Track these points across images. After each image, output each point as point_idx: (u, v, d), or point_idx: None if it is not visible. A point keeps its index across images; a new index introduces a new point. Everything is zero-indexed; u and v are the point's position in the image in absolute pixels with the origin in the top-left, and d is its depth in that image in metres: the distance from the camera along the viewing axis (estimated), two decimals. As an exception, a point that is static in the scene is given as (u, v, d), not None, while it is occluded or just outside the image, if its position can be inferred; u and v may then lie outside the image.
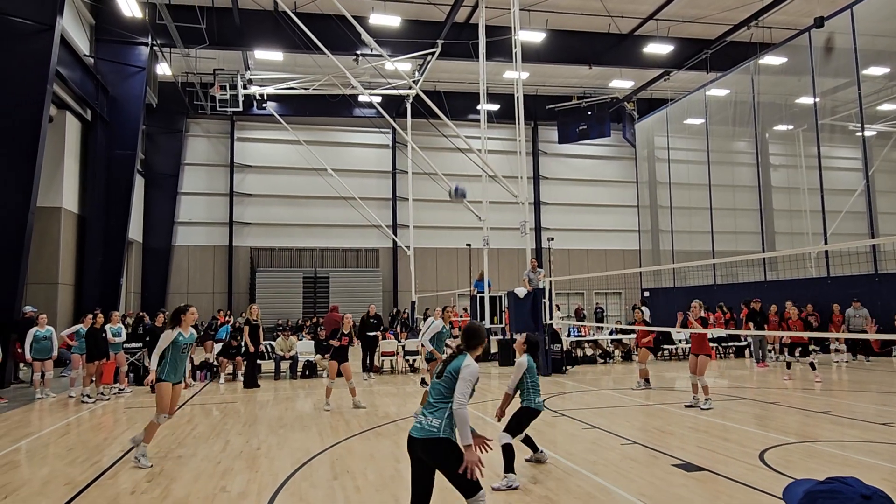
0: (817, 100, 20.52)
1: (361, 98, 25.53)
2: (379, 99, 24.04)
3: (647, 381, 11.68)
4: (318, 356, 14.32)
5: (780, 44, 21.84)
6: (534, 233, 30.22)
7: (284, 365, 14.14)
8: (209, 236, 28.22)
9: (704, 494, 5.17)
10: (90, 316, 11.36)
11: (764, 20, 21.23)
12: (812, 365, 12.84)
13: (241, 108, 23.40)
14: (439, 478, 3.67)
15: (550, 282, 14.65)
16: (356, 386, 10.51)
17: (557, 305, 16.95)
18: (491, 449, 3.90)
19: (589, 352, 17.10)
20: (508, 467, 5.48)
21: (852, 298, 15.94)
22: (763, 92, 23.33)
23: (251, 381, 12.66)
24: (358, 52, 21.24)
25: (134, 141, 20.81)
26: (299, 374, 14.13)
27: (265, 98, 25.28)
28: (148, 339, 12.79)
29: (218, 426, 8.61)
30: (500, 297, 17.87)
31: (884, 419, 8.23)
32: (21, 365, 13.82)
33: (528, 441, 6.05)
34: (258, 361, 13.30)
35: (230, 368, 13.78)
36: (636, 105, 29.91)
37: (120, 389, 11.98)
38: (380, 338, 14.65)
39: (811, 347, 13.30)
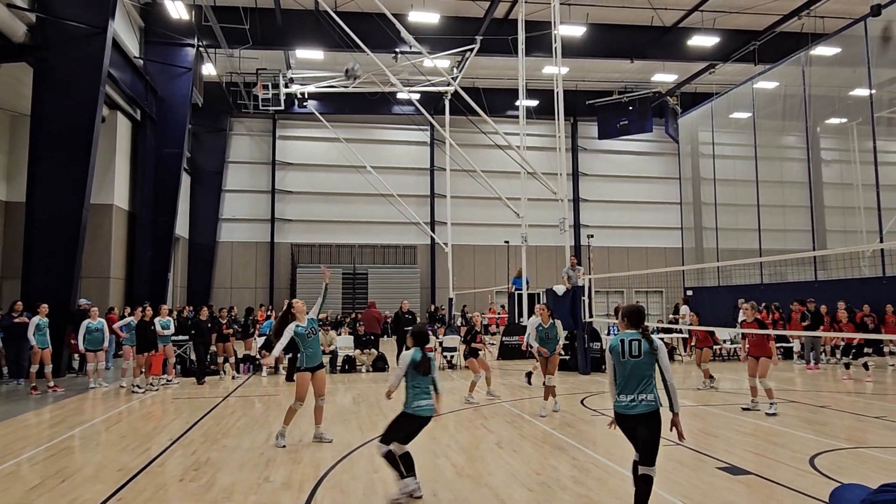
0: (873, 92, 19.61)
1: (400, 95, 25.66)
2: (417, 96, 24.11)
3: (711, 377, 11.72)
4: (358, 351, 14.50)
5: (833, 33, 20.94)
6: (573, 230, 29.86)
7: (324, 359, 14.35)
8: (252, 232, 28.88)
9: (752, 499, 5.02)
10: (139, 309, 11.77)
11: (816, 9, 20.42)
12: (865, 366, 12.34)
13: (282, 107, 23.82)
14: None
15: (590, 279, 14.46)
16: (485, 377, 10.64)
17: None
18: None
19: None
20: (404, 472, 4.92)
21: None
22: (814, 84, 22.42)
23: (293, 375, 12.91)
24: (397, 50, 21.36)
25: (181, 140, 21.45)
26: (339, 368, 14.33)
27: (306, 96, 25.68)
28: (193, 332, 13.15)
29: (261, 418, 8.81)
30: (539, 294, 17.73)
31: (945, 426, 7.84)
32: (74, 355, 14.41)
33: (406, 459, 5.02)
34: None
35: (271, 362, 14.04)
36: (679, 99, 29.19)
37: (168, 380, 12.38)
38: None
39: (865, 350, 12.78)
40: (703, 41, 22.58)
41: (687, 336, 16.88)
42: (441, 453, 6.60)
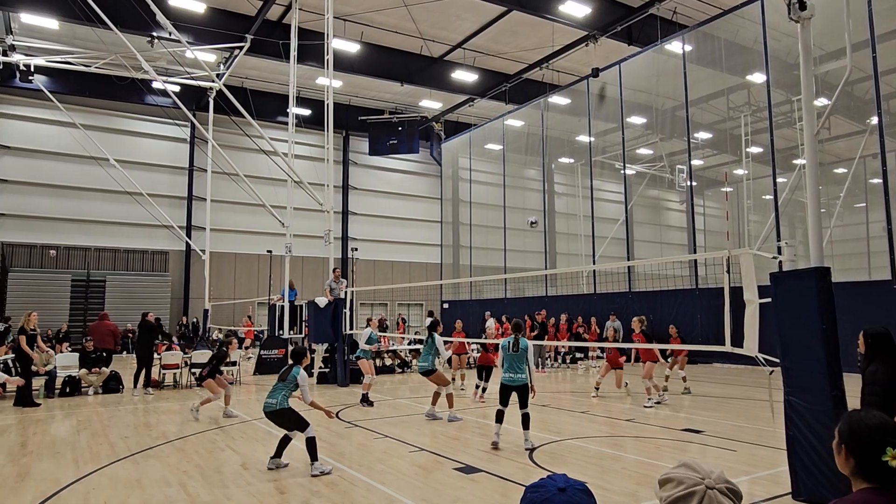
0: (592, 139, 23.62)
1: (156, 85, 23.11)
2: (177, 88, 21.98)
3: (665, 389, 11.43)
4: (84, 370, 12.53)
5: (565, 87, 24.76)
6: (341, 242, 30.05)
7: (38, 382, 12.11)
8: (-57, 227, 23.21)
9: (479, 494, 5.53)
10: None
11: (552, 64, 23.86)
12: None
13: (-2, 78, 19.74)
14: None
15: (352, 292, 14.66)
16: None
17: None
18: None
19: (388, 362, 17.40)
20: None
21: (610, 312, 18.47)
22: (551, 127, 26.20)
23: (28, 400, 10.94)
24: (154, 35, 19.27)
25: None
26: (57, 391, 12.21)
27: (32, 69, 21.60)
28: None
29: (-66, 459, 7.05)
30: (301, 306, 17.41)
31: (628, 416, 9.63)
32: None
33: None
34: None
35: None
36: (443, 126, 31.50)
37: None
38: (160, 348, 13.32)
39: (577, 355, 15.12)
40: (464, 76, 24.74)
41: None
42: (175, 481, 6.00)
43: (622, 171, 23.06)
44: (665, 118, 22.35)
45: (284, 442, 6.52)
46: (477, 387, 11.79)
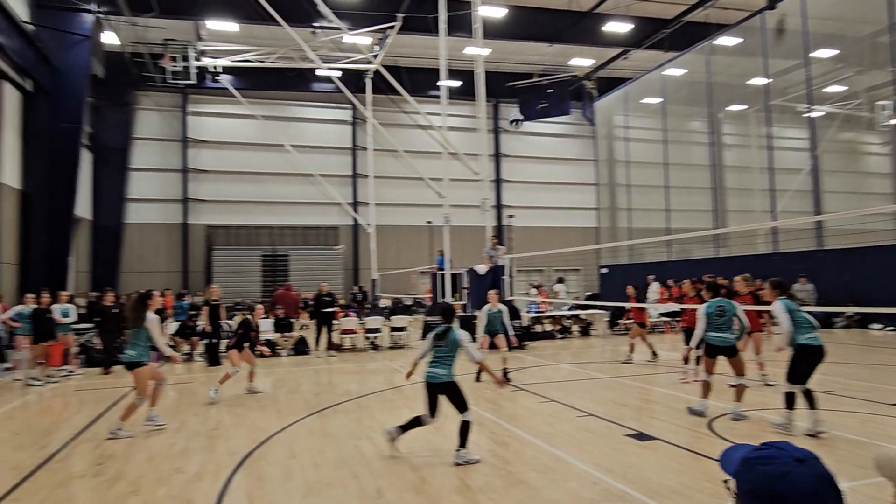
0: (769, 81, 21.07)
1: (319, 72, 24.91)
2: (338, 73, 23.51)
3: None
4: (279, 335, 14.16)
5: (734, 24, 22.24)
6: (495, 210, 30.34)
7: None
8: (162, 213, 27.36)
9: (655, 462, 5.35)
10: (32, 296, 10.95)
11: (718, 1, 21.51)
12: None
13: (193, 81, 22.56)
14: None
15: (510, 259, 14.77)
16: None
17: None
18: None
19: (548, 327, 17.38)
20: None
21: (798, 274, 16.58)
22: (717, 72, 23.80)
23: (214, 359, 12.62)
24: (315, 25, 20.69)
25: (78, 113, 19.85)
26: (258, 353, 13.95)
27: (219, 70, 24.40)
28: (98, 319, 12.38)
29: (173, 407, 8.44)
30: (461, 273, 17.93)
31: (823, 388, 8.64)
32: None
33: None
34: (216, 340, 13.09)
35: (186, 348, 13.52)
36: (596, 84, 30.09)
37: (70, 372, 11.61)
38: (338, 315, 14.58)
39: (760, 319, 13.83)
40: (617, 27, 23.30)
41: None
42: (363, 435, 6.58)
43: (807, 115, 20.34)
44: (862, 47, 19.17)
45: (416, 423, 5.71)
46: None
